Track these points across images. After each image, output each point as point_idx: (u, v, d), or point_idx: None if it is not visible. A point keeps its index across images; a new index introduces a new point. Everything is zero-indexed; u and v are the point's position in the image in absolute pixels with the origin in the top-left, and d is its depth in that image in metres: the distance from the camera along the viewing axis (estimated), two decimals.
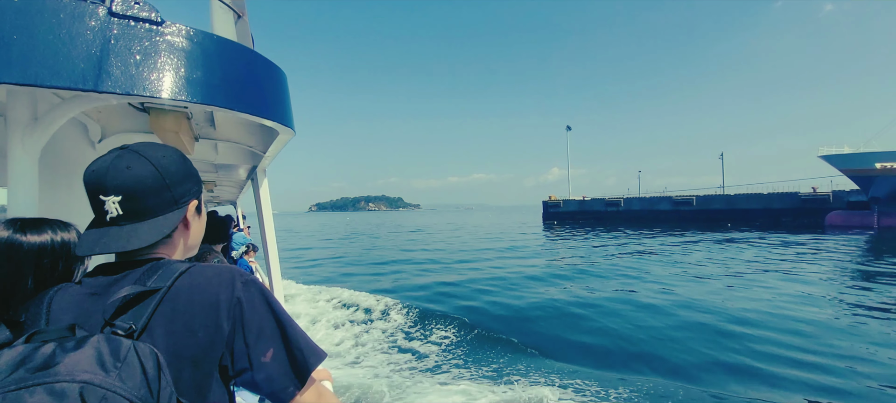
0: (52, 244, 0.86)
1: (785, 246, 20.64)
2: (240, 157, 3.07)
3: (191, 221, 0.89)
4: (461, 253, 20.32)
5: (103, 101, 1.16)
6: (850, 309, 8.91)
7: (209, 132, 2.36)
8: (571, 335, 7.63)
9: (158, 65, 1.15)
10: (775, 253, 17.79)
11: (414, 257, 19.89)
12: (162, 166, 0.82)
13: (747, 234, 27.69)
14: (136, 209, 0.80)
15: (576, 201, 58.91)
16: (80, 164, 1.83)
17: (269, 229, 2.95)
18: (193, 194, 0.89)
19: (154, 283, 0.75)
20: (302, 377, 0.83)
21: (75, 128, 1.80)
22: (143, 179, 0.79)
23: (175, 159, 0.86)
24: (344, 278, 14.19)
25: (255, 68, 1.54)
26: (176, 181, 0.84)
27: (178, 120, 1.57)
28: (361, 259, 20.11)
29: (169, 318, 0.73)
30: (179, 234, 0.88)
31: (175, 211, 0.84)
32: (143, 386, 0.61)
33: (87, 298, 0.76)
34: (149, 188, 0.80)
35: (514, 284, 12.02)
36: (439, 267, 16.14)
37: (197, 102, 1.24)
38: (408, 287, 12.18)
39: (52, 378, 0.55)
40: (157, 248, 0.85)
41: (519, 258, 18.52)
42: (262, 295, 0.82)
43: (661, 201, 50.31)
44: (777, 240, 23.26)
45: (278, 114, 1.70)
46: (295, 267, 17.18)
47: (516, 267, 15.65)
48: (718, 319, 8.11)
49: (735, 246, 21.15)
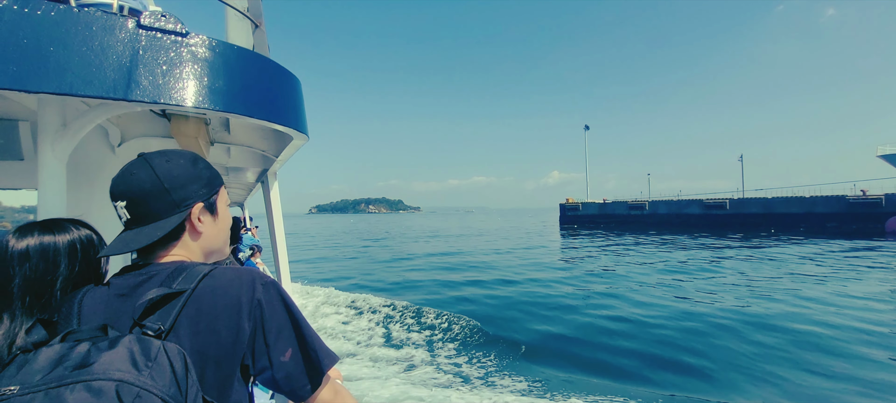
0: (79, 243, 0.90)
1: (856, 254, 18.25)
2: (250, 161, 3.13)
3: (197, 224, 0.89)
4: (492, 268, 16.58)
5: (130, 109, 1.21)
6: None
7: (224, 136, 2.42)
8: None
9: (183, 74, 1.20)
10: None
11: (453, 270, 16.55)
12: (162, 171, 0.85)
13: (809, 241, 24.42)
14: (139, 213, 0.84)
15: (596, 204, 54.42)
16: (101, 168, 1.89)
17: (279, 231, 3.00)
18: (199, 197, 0.90)
19: (179, 285, 0.78)
20: (318, 377, 0.87)
21: (97, 133, 1.86)
22: (141, 184, 0.84)
23: (181, 164, 0.88)
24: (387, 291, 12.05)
25: (273, 76, 1.59)
26: (177, 185, 0.86)
27: (198, 126, 1.63)
28: (390, 274, 16.16)
29: (193, 319, 0.76)
30: (191, 237, 0.90)
31: (176, 214, 0.86)
32: (173, 385, 0.64)
33: (116, 299, 0.80)
34: (147, 193, 0.84)
35: (572, 307, 9.93)
36: (480, 276, 14.23)
37: (218, 110, 1.29)
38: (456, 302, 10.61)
39: (89, 376, 0.58)
40: (170, 251, 0.88)
41: (559, 269, 16.13)
42: (281, 297, 0.86)
43: (690, 205, 46.24)
44: (846, 247, 20.85)
45: (293, 120, 1.74)
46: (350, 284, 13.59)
47: (553, 277, 13.88)
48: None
49: (820, 254, 18.01)
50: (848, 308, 9.30)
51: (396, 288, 12.94)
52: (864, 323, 8.13)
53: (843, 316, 8.67)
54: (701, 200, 45.49)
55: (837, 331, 7.66)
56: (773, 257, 18.04)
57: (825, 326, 7.93)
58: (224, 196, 0.99)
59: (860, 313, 8.90)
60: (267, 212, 3.09)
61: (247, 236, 7.44)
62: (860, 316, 8.69)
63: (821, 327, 7.89)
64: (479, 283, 13.22)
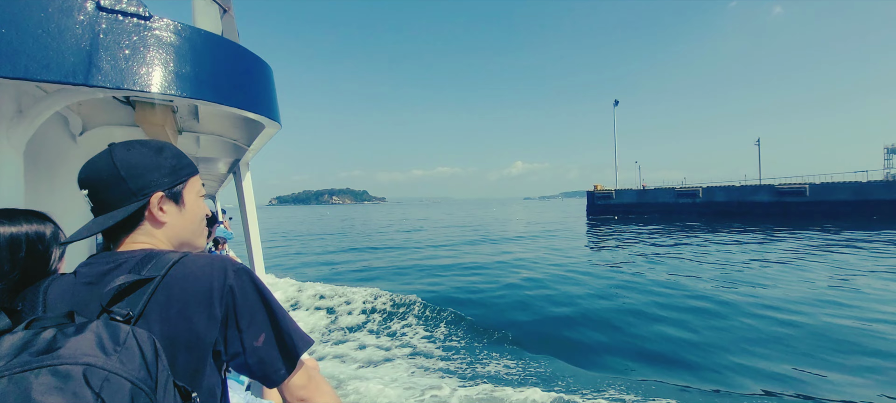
0: (25, 236, 0.87)
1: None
2: (222, 151, 3.06)
3: (158, 214, 0.88)
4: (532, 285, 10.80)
5: (91, 95, 1.17)
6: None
7: (192, 125, 2.35)
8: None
9: (147, 59, 1.16)
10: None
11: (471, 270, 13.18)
12: (120, 159, 0.84)
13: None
14: (100, 201, 0.84)
15: (633, 191, 46.43)
16: (62, 158, 1.81)
17: (252, 222, 2.95)
18: (160, 186, 0.88)
19: (148, 272, 0.78)
20: (292, 361, 0.88)
21: (56, 121, 1.78)
22: (99, 173, 0.84)
23: (143, 153, 0.87)
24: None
25: (242, 62, 1.56)
26: (135, 174, 0.85)
27: (165, 114, 1.58)
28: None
29: (164, 305, 0.76)
30: (154, 226, 0.89)
31: (133, 203, 0.85)
32: (142, 369, 0.63)
33: (83, 287, 0.78)
34: (104, 181, 0.84)
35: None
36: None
37: (185, 96, 1.26)
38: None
39: (56, 360, 0.57)
40: (136, 240, 0.87)
41: (630, 288, 10.12)
42: (253, 283, 0.86)
43: (757, 191, 38.89)
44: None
45: (264, 107, 1.71)
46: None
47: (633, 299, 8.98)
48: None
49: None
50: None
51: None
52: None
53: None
54: (772, 185, 38.52)
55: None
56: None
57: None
58: (194, 186, 0.96)
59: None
60: (239, 203, 3.03)
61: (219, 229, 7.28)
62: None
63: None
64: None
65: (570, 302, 9.20)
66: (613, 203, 46.52)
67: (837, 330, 6.91)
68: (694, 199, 41.51)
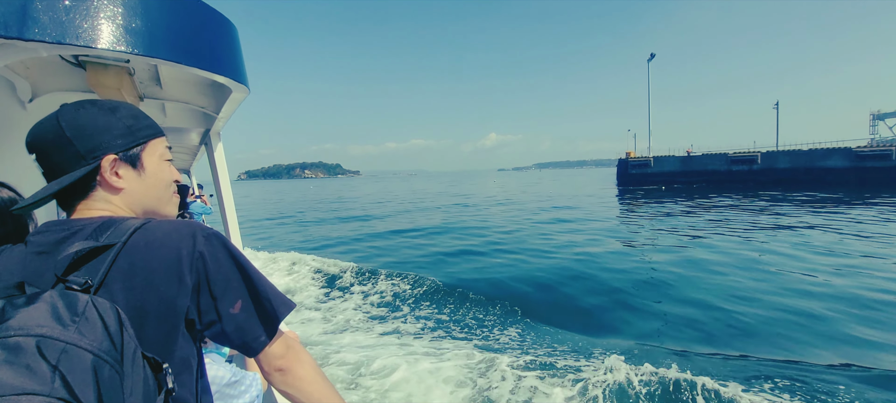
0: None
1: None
2: (191, 120, 2.91)
3: (112, 179, 0.81)
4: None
5: (30, 52, 1.06)
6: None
7: (155, 91, 2.21)
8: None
9: (92, 10, 1.05)
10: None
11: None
12: (68, 120, 0.78)
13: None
14: (49, 166, 0.78)
15: (675, 158, 40.71)
16: (9, 125, 1.68)
17: (227, 195, 2.85)
18: (112, 148, 0.81)
19: (107, 239, 0.73)
20: (272, 326, 0.85)
21: (2, 86, 1.63)
22: (43, 135, 0.78)
23: (93, 112, 0.80)
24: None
25: (204, 20, 1.45)
26: (83, 135, 0.78)
27: (120, 76, 1.46)
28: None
29: (126, 274, 0.71)
30: (109, 192, 0.82)
31: (81, 168, 0.78)
32: (105, 340, 0.59)
33: (35, 257, 0.73)
34: (50, 144, 0.77)
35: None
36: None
37: (139, 54, 1.15)
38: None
39: (3, 332, 0.53)
40: (93, 207, 0.81)
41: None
42: (225, 248, 0.82)
43: (830, 155, 33.82)
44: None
45: (230, 69, 1.61)
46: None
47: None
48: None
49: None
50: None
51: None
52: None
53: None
54: (849, 148, 33.44)
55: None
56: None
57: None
58: (155, 149, 0.89)
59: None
60: (213, 175, 2.91)
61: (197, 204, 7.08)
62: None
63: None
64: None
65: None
66: (651, 171, 41.01)
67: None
68: (751, 166, 36.82)
